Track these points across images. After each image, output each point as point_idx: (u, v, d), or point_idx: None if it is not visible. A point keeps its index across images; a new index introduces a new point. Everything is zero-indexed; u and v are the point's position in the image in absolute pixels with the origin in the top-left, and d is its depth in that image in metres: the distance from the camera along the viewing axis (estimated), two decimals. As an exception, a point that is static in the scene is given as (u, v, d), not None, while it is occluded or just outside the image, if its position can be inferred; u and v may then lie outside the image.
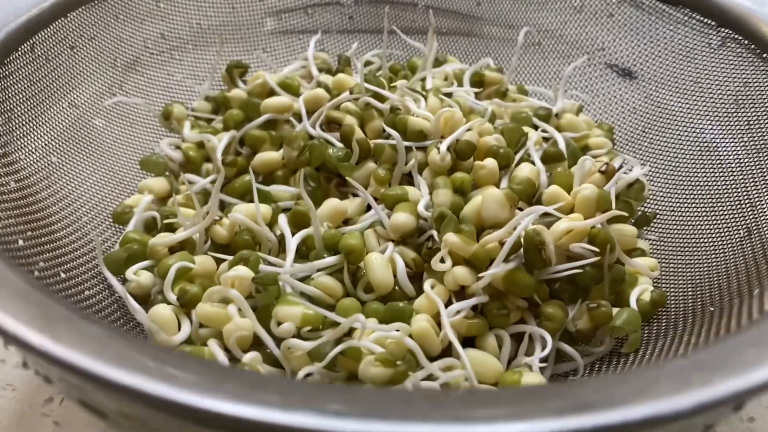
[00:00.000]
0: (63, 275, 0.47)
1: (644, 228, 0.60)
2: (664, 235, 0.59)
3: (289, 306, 0.45)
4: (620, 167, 0.61)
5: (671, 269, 0.56)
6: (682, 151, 0.63)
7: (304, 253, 0.51)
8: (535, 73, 0.78)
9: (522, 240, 0.46)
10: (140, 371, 0.28)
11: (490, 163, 0.54)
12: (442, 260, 0.48)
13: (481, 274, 0.47)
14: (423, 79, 0.66)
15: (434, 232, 0.50)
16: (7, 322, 0.31)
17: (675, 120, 0.65)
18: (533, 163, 0.56)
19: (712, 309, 0.48)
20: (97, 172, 0.60)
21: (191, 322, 0.47)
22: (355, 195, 0.55)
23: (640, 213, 0.60)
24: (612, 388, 0.28)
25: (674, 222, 0.59)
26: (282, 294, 0.47)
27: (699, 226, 0.57)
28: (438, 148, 0.53)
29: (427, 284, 0.48)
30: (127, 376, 0.28)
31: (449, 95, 0.62)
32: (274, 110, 0.61)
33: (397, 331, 0.44)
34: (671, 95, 0.66)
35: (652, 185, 0.63)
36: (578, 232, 0.49)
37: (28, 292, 0.34)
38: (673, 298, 0.52)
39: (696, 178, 0.60)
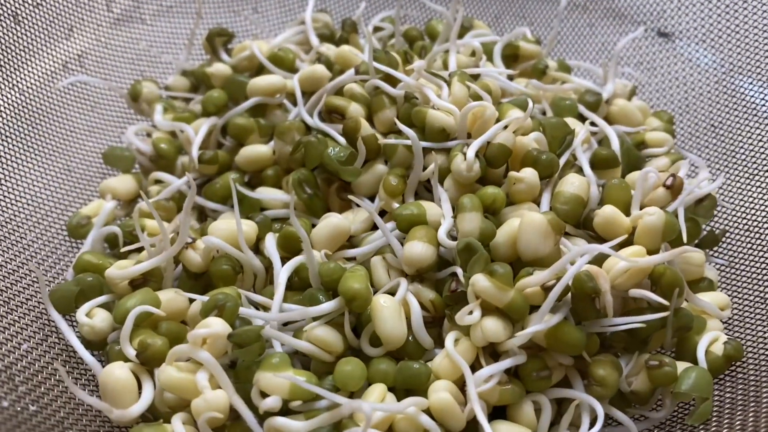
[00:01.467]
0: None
1: (710, 249, 0.50)
2: (735, 259, 0.49)
3: (275, 373, 0.36)
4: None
5: (744, 305, 0.46)
6: (763, 153, 0.52)
7: (297, 285, 0.42)
8: (579, 45, 0.65)
9: (570, 285, 0.37)
10: None
11: (530, 175, 0.43)
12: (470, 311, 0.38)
13: (518, 333, 0.37)
14: (445, 52, 0.55)
15: (459, 270, 0.40)
16: None
17: (755, 113, 0.53)
18: (581, 170, 0.45)
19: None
20: (48, 174, 0.50)
21: (155, 383, 0.38)
22: (360, 204, 0.45)
23: (706, 231, 0.50)
24: None
25: (748, 244, 0.49)
26: (266, 346, 0.38)
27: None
28: (464, 153, 0.43)
29: (449, 340, 0.38)
30: None
31: (477, 77, 0.51)
32: (264, 92, 0.51)
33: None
34: (752, 81, 0.54)
35: (721, 196, 0.52)
36: (639, 270, 0.39)
37: None
38: (750, 347, 0.43)
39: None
